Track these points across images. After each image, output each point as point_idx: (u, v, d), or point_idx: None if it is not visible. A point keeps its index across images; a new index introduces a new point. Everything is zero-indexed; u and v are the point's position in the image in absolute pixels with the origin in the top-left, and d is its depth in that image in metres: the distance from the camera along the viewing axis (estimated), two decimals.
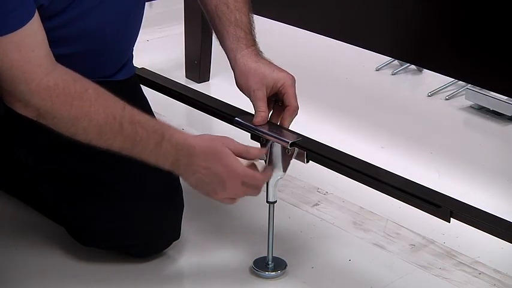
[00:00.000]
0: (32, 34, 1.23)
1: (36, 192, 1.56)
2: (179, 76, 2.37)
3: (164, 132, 1.32)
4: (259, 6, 2.07)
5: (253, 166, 1.39)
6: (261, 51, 1.48)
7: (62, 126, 1.28)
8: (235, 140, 1.38)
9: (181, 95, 1.66)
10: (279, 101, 1.45)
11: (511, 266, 1.53)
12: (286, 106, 1.43)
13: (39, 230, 1.62)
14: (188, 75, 2.42)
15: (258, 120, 1.42)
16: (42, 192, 1.54)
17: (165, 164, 1.34)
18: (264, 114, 1.42)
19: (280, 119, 1.45)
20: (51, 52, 1.27)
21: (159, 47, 2.61)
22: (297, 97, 1.44)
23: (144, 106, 1.60)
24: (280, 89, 1.43)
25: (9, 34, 1.20)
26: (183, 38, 2.41)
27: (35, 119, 1.28)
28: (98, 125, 1.27)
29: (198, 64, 2.39)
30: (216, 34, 1.51)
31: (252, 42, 1.47)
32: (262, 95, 1.43)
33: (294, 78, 1.44)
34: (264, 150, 1.41)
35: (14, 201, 1.70)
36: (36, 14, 1.24)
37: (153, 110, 1.63)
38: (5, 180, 1.70)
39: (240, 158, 1.36)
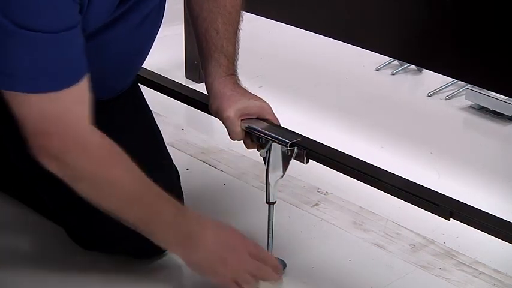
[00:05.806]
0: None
1: (35, 194, 1.56)
2: (179, 76, 2.37)
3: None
4: (259, 6, 2.09)
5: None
6: (239, 80, 1.48)
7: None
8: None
9: (181, 95, 1.66)
10: None
11: (511, 266, 1.53)
12: None
13: (39, 231, 1.62)
14: (188, 75, 2.42)
15: (233, 136, 1.44)
16: (42, 196, 1.54)
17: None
18: (239, 134, 1.43)
19: None
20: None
21: (159, 47, 2.60)
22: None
23: (145, 111, 1.60)
24: (259, 117, 1.43)
25: None
26: (183, 38, 2.41)
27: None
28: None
29: (198, 64, 2.38)
30: (199, 57, 1.51)
31: (232, 71, 1.48)
32: (236, 120, 1.42)
33: (269, 105, 1.45)
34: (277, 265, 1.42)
35: (13, 203, 1.70)
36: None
37: (153, 110, 1.64)
38: (4, 182, 1.70)
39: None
